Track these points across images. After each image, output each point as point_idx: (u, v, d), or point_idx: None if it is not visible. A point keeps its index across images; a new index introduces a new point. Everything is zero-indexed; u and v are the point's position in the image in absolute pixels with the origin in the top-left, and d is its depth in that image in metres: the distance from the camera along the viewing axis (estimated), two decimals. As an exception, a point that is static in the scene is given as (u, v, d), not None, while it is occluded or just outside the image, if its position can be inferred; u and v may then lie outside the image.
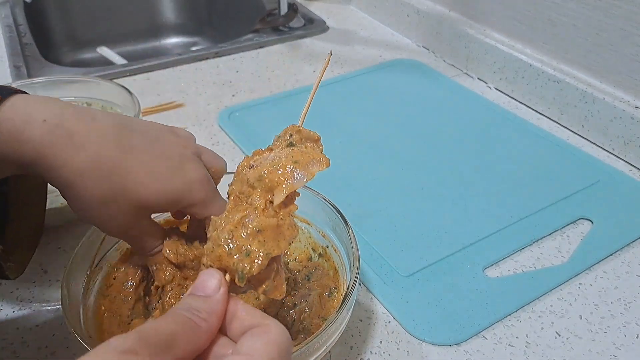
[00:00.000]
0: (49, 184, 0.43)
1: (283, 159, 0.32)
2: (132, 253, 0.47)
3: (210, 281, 0.29)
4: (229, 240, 0.30)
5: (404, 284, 0.51)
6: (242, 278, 0.30)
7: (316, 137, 0.34)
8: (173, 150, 0.37)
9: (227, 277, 0.30)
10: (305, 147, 0.33)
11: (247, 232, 0.30)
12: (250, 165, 0.33)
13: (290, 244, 0.32)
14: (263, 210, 0.31)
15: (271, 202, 0.32)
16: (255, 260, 0.30)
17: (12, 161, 0.33)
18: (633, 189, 0.63)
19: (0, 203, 0.40)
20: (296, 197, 0.33)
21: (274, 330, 0.26)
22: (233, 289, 0.31)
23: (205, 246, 0.31)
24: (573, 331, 0.47)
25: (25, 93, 0.34)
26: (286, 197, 0.32)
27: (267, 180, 0.32)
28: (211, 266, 0.31)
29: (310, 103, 0.35)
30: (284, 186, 0.32)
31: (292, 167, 0.32)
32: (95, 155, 0.33)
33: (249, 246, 0.30)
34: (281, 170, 0.32)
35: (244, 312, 0.28)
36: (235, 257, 0.30)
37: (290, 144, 0.33)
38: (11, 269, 0.41)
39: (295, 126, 0.34)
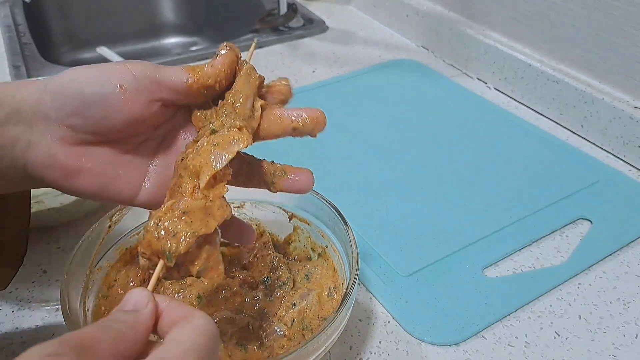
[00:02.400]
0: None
1: (205, 144, 0.34)
2: (132, 255, 0.47)
3: (139, 298, 0.28)
4: (157, 225, 0.31)
5: (404, 284, 0.51)
6: (170, 258, 0.31)
7: (239, 125, 0.34)
8: None
9: (160, 262, 0.31)
10: (227, 131, 0.34)
11: (174, 216, 0.31)
12: (181, 159, 0.34)
13: (220, 223, 0.32)
14: (191, 194, 0.32)
15: (199, 186, 0.33)
16: (182, 240, 0.31)
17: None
18: (632, 189, 0.63)
19: None
20: (227, 179, 0.34)
21: (198, 317, 0.27)
22: (169, 275, 0.32)
23: (139, 235, 0.32)
24: (572, 331, 0.47)
25: None
26: (213, 178, 0.33)
27: (191, 167, 0.33)
28: (144, 253, 0.32)
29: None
30: (206, 169, 0.33)
31: (213, 150, 0.33)
32: None
33: (175, 228, 0.31)
34: (203, 155, 0.33)
35: (169, 308, 0.28)
36: (162, 239, 0.31)
37: (213, 131, 0.34)
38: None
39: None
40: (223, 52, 0.35)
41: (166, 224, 0.31)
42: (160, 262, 0.31)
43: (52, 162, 0.33)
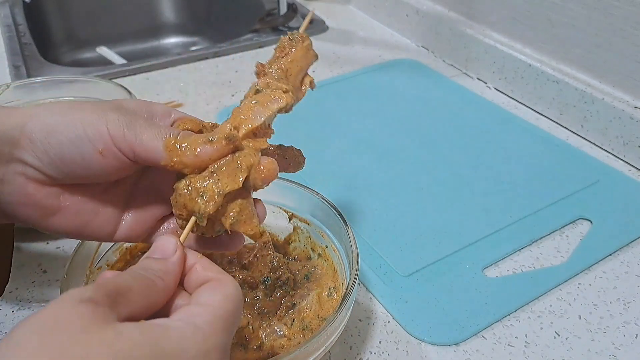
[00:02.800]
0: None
1: (247, 102, 0.34)
2: (132, 255, 0.47)
3: (167, 245, 0.29)
4: (188, 186, 0.31)
5: (403, 284, 0.51)
6: (201, 218, 0.31)
7: (285, 89, 0.35)
8: None
9: (192, 218, 0.32)
10: (270, 91, 0.35)
11: (202, 176, 0.31)
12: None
13: (248, 172, 0.32)
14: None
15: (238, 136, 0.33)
16: (210, 201, 0.31)
17: None
18: (632, 189, 0.63)
19: None
20: (267, 137, 0.34)
21: (231, 285, 0.28)
22: (205, 230, 0.32)
23: (171, 197, 0.32)
24: (572, 331, 0.47)
25: None
26: (253, 134, 0.33)
27: (232, 122, 0.34)
28: (180, 215, 0.32)
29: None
30: (245, 124, 0.33)
31: (253, 107, 0.34)
32: None
33: (204, 188, 0.31)
34: (244, 111, 0.34)
35: (200, 265, 0.29)
36: (196, 199, 0.31)
37: (257, 91, 0.35)
38: None
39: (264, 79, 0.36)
40: (217, 142, 0.31)
41: (195, 185, 0.31)
42: (193, 218, 0.32)
43: (28, 201, 0.32)
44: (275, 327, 0.43)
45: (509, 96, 0.81)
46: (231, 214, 0.32)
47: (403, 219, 0.58)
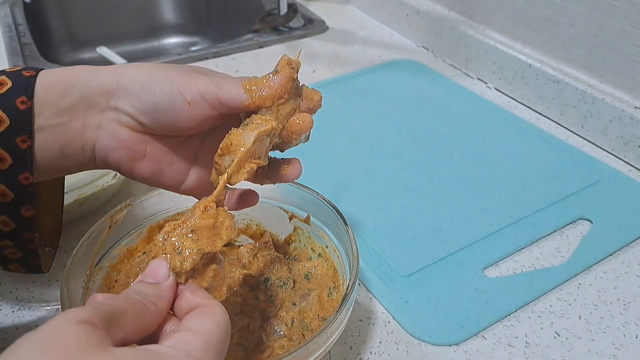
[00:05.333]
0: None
1: (234, 132, 0.35)
2: (132, 255, 0.47)
3: (160, 269, 0.30)
4: (164, 242, 0.32)
5: (404, 284, 0.51)
6: (178, 275, 0.31)
7: (267, 118, 0.35)
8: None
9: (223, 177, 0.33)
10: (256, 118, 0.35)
11: (181, 233, 0.32)
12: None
13: (226, 243, 0.33)
14: (203, 211, 0.33)
15: (214, 202, 0.33)
16: (187, 257, 0.31)
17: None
18: (632, 189, 0.63)
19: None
20: (258, 163, 0.35)
21: (219, 311, 0.29)
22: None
23: (147, 247, 0.33)
24: (572, 331, 0.47)
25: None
26: (241, 164, 0.34)
27: (224, 146, 0.34)
28: None
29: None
30: (236, 147, 0.34)
31: (242, 133, 0.34)
32: None
33: (182, 244, 0.31)
34: (233, 137, 0.34)
35: (189, 291, 0.30)
36: (168, 255, 0.31)
37: (245, 125, 0.35)
38: (46, 256, 0.41)
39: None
40: (281, 70, 0.35)
41: (173, 239, 0.32)
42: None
43: (120, 146, 0.36)
44: (276, 327, 0.43)
45: (509, 96, 0.81)
46: (206, 278, 0.32)
47: (403, 219, 0.58)
